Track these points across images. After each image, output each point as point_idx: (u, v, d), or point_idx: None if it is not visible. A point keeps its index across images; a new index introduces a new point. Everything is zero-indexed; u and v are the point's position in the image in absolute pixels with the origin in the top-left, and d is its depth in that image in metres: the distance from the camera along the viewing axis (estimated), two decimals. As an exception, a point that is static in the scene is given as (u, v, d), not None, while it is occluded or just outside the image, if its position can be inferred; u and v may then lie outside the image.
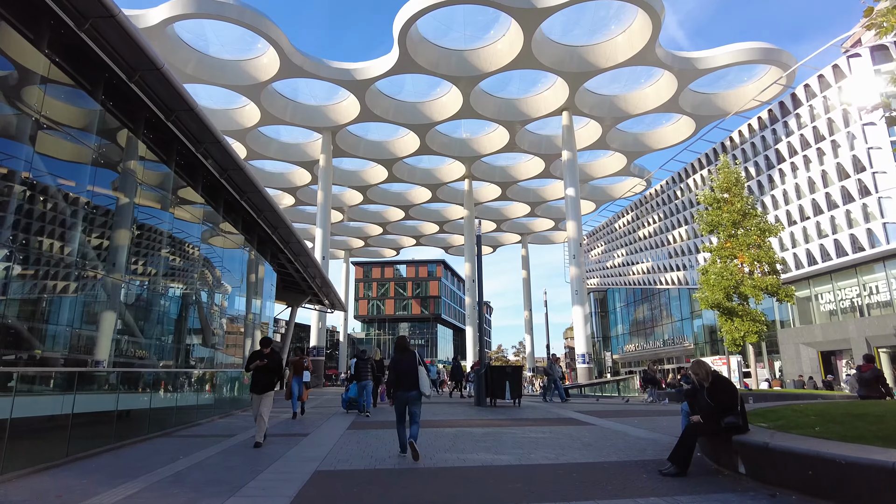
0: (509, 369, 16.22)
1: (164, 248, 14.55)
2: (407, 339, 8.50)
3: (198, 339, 16.36)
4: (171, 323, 13.31)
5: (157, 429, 10.40)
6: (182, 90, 12.16)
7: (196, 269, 17.90)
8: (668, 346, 55.68)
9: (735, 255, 23.15)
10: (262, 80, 37.73)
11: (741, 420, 6.32)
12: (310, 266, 30.19)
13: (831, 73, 31.79)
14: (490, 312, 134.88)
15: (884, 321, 29.69)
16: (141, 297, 12.28)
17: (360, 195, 56.20)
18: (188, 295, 15.49)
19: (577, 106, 41.14)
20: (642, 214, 57.12)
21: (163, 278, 13.78)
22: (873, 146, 29.45)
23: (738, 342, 22.19)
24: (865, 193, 29.90)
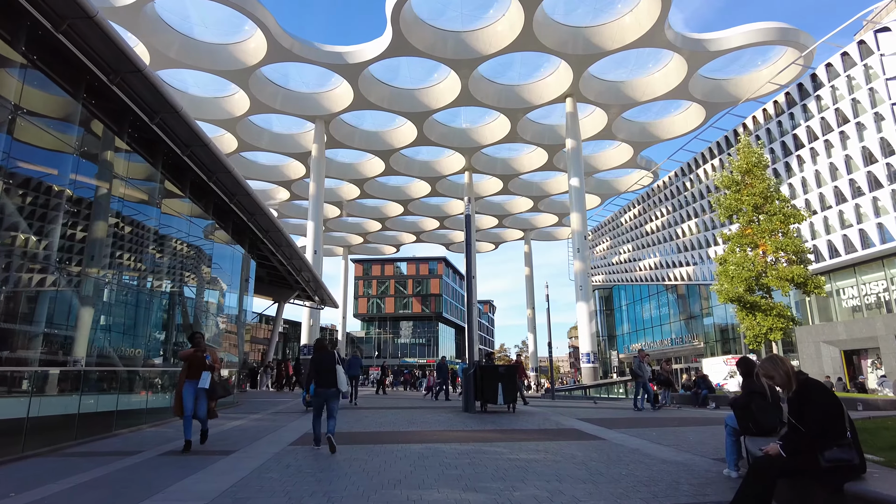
0: (502, 369, 13.78)
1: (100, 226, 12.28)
2: (325, 340, 8.96)
3: (130, 333, 13.98)
4: (79, 309, 10.82)
5: (45, 444, 8.05)
6: (126, 49, 10.39)
7: (144, 254, 15.55)
8: (676, 344, 52.99)
9: (756, 243, 20.61)
10: (249, 65, 35.41)
11: (856, 455, 3.86)
12: (294, 258, 27.83)
13: (856, 50, 29.18)
14: (493, 311, 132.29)
15: (915, 318, 27.08)
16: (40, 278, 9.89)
17: (357, 189, 53.83)
18: (117, 280, 13.09)
19: (582, 92, 38.61)
20: (649, 208, 54.53)
21: (91, 261, 11.42)
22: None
23: (760, 339, 19.63)
24: (895, 179, 27.30)
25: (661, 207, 51.75)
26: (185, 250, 18.94)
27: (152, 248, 16.49)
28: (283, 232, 24.51)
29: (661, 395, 20.24)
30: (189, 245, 19.42)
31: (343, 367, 8.72)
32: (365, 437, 9.46)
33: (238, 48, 35.46)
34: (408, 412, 13.94)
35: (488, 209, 60.32)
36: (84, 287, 10.96)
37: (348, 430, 10.10)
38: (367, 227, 65.45)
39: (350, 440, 8.80)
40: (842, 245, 30.02)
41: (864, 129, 28.65)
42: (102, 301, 11.92)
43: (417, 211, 59.59)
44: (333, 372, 8.11)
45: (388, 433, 9.80)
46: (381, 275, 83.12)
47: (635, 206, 58.18)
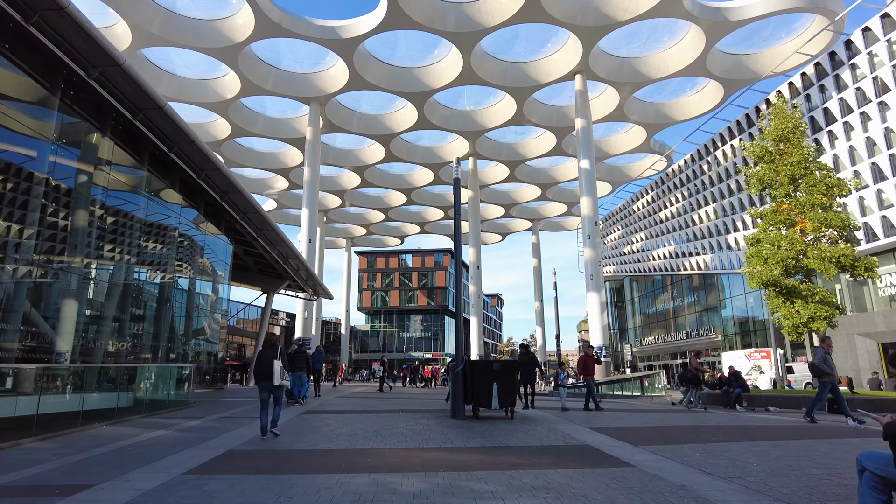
0: (498, 365, 11.00)
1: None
2: (275, 336, 9.60)
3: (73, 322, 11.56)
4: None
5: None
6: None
7: (90, 231, 13.13)
8: (691, 338, 49.94)
9: (794, 219, 17.74)
10: (237, 41, 32.90)
11: None
12: (279, 244, 25.30)
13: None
14: (501, 305, 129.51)
15: (966, 306, 24.06)
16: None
17: (357, 177, 51.24)
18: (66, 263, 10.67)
19: (592, 68, 35.71)
20: (663, 194, 51.46)
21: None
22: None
23: (801, 330, 16.80)
24: (942, 153, 24.30)
25: (676, 193, 48.72)
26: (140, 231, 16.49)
27: (96, 226, 14.04)
28: (262, 213, 21.98)
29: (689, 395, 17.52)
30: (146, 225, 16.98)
31: (285, 361, 9.36)
32: (302, 458, 6.90)
33: (225, 24, 32.97)
34: (383, 418, 11.34)
35: (494, 198, 57.49)
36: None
37: (287, 448, 7.52)
38: (370, 218, 62.88)
39: (279, 466, 6.24)
40: (880, 227, 26.98)
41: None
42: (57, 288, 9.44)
43: (421, 200, 56.90)
44: (271, 367, 8.71)
45: (338, 452, 7.22)
46: (386, 267, 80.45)
47: (648, 193, 55.11)
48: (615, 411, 14.22)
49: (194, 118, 42.58)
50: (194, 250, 20.34)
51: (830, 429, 10.32)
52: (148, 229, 17.24)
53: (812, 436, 9.21)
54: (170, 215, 18.70)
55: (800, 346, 34.50)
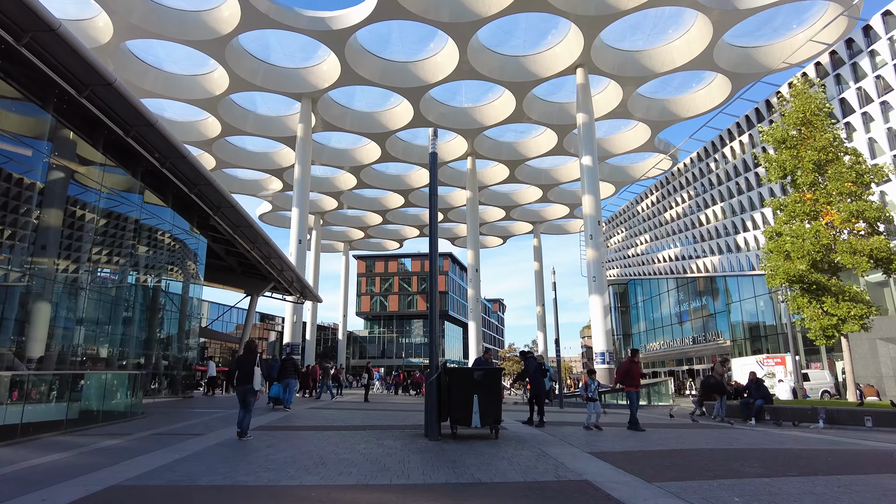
0: (479, 375, 8.97)
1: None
2: (255, 343, 10.63)
3: None
4: None
5: None
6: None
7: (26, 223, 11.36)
8: (698, 343, 47.77)
9: (819, 210, 15.80)
10: (224, 34, 31.29)
11: None
12: (259, 242, 23.48)
13: (920, -7, 24.20)
14: (503, 310, 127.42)
15: None
16: None
17: (353, 178, 49.45)
18: None
19: (594, 62, 33.90)
20: (668, 194, 49.45)
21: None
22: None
23: (830, 333, 14.80)
24: (972, 142, 22.31)
25: (682, 193, 46.74)
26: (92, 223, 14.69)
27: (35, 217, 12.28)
28: (237, 208, 20.15)
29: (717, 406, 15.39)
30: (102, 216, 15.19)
31: (263, 368, 9.92)
32: (200, 499, 5.03)
33: (210, 15, 31.38)
34: (344, 437, 9.44)
35: (494, 199, 55.58)
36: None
37: (191, 483, 5.64)
38: (368, 221, 61.04)
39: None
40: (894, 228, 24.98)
41: (932, 86, 23.66)
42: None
43: (419, 202, 55.05)
44: (252, 372, 9.07)
45: (253, 490, 5.34)
46: (385, 271, 78.38)
47: (652, 194, 53.11)
48: (621, 426, 12.27)
49: (183, 116, 41.04)
50: (158, 246, 18.54)
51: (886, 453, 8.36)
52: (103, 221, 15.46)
53: (887, 469, 7.27)
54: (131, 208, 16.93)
55: (814, 352, 32.40)
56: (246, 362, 9.25)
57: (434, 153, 11.02)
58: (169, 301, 19.37)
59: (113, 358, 15.73)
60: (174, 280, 20.12)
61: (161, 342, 19.09)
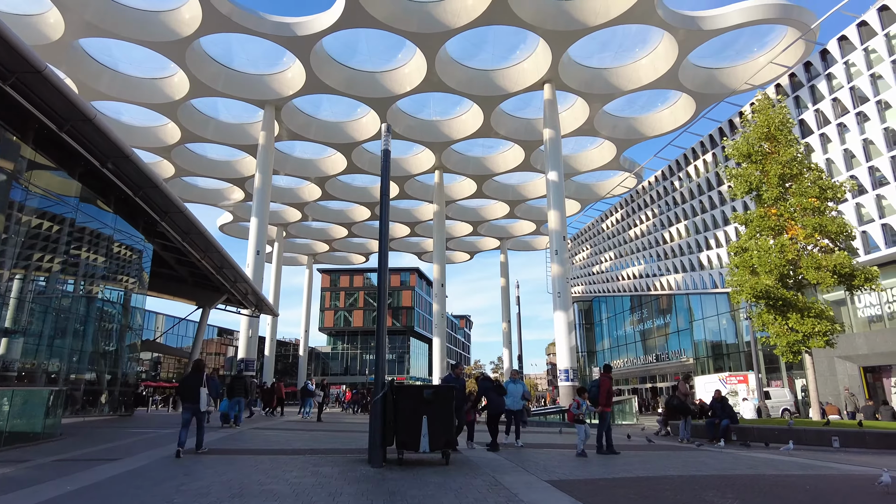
0: (429, 393, 8.12)
1: None
2: (202, 362, 10.01)
3: None
4: None
5: None
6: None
7: None
8: (662, 361, 47.79)
9: (784, 226, 15.57)
10: (184, 35, 30.06)
11: None
12: (211, 251, 22.17)
13: (876, 18, 24.73)
14: (470, 327, 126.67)
15: (955, 328, 22.22)
16: None
17: (318, 189, 48.27)
18: None
19: (562, 78, 33.81)
20: (633, 212, 49.74)
21: None
22: (937, 103, 22.30)
23: (796, 349, 14.45)
24: (926, 164, 22.70)
25: (646, 211, 47.04)
26: (25, 225, 13.40)
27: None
28: (186, 214, 18.92)
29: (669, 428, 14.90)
30: (38, 217, 13.91)
31: (211, 388, 10.03)
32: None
33: (170, 16, 30.15)
34: (277, 462, 8.43)
35: (462, 214, 55.05)
36: None
37: None
38: (333, 234, 59.70)
39: None
40: (860, 243, 25.21)
41: (888, 109, 24.09)
42: None
43: (385, 215, 54.11)
44: (198, 391, 9.16)
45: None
46: (350, 286, 76.76)
47: (617, 211, 53.42)
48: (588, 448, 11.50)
49: (141, 121, 39.39)
50: (96, 252, 17.19)
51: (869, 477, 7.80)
52: (33, 223, 14.16)
53: (872, 500, 6.66)
54: (66, 210, 15.62)
55: (775, 370, 32.51)
56: (192, 381, 9.32)
57: (387, 150, 10.25)
58: (107, 311, 17.96)
59: (37, 373, 14.30)
60: (114, 289, 18.71)
61: (97, 355, 17.61)
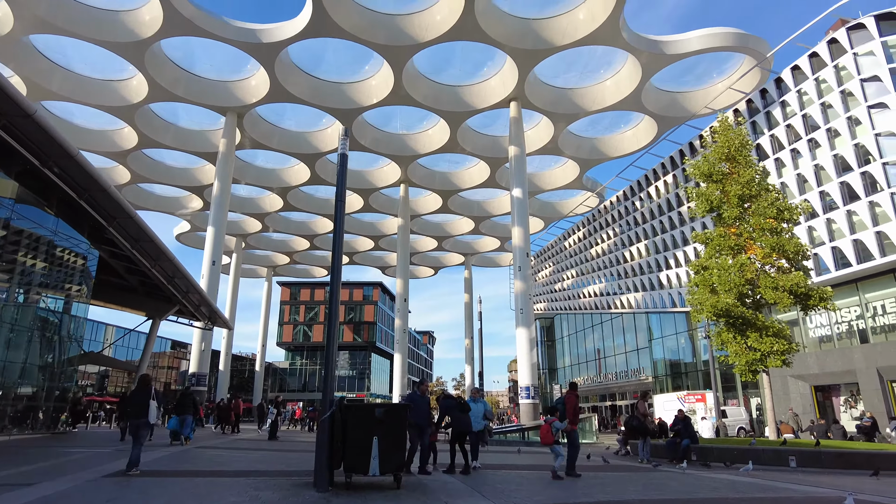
0: (381, 412, 7.64)
1: None
2: (149, 377, 10.18)
3: None
4: None
5: None
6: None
7: None
8: (621, 378, 48.15)
9: (743, 245, 15.73)
10: (143, 37, 29.04)
11: None
12: (162, 260, 21.14)
13: (826, 51, 25.73)
14: (433, 343, 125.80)
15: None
16: None
17: (280, 200, 47.21)
18: None
19: (528, 96, 34.02)
20: (595, 231, 50.36)
21: None
22: (883, 132, 23.19)
23: (754, 367, 14.50)
24: (873, 190, 23.51)
25: (608, 230, 47.66)
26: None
27: None
28: (136, 219, 17.95)
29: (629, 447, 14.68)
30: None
31: (158, 401, 9.77)
32: None
33: (130, 16, 29.13)
34: (219, 484, 7.77)
35: (426, 229, 54.72)
36: None
37: None
38: (294, 246, 58.45)
39: None
40: (811, 265, 25.89)
41: (837, 136, 24.96)
42: None
43: (349, 228, 53.35)
44: (146, 405, 9.16)
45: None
46: (311, 299, 75.07)
47: (580, 230, 54.01)
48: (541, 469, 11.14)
49: (95, 123, 37.84)
50: (32, 257, 16.10)
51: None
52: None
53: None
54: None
55: (731, 389, 33.01)
56: (139, 396, 9.35)
57: (344, 154, 9.79)
58: (45, 321, 16.80)
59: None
60: (53, 297, 17.56)
61: (32, 368, 16.39)
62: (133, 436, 9.05)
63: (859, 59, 24.22)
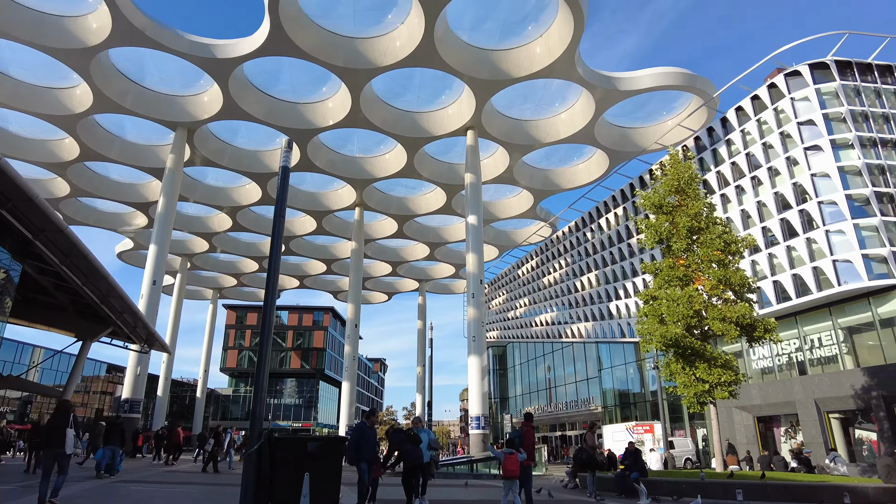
0: (314, 446, 7.03)
1: None
2: (68, 402, 9.62)
3: None
4: None
5: None
6: None
7: None
8: (572, 408, 48.18)
9: (691, 276, 15.93)
10: (90, 45, 27.85)
11: None
12: (96, 277, 19.84)
13: (767, 94, 27.04)
14: (384, 371, 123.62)
15: (837, 380, 23.65)
16: None
17: (229, 219, 45.75)
18: None
19: (484, 125, 34.32)
20: (547, 260, 50.91)
21: None
22: (818, 173, 24.36)
23: (703, 399, 14.52)
24: (810, 227, 24.54)
25: (560, 260, 48.23)
26: None
27: None
28: (67, 233, 16.73)
29: (578, 480, 14.34)
30: None
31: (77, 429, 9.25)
32: None
33: (76, 22, 27.93)
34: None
35: (381, 254, 54.05)
36: None
37: None
38: (242, 267, 56.59)
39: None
40: (755, 298, 26.65)
41: (777, 175, 26.08)
42: None
43: (300, 250, 52.14)
44: (63, 433, 8.67)
45: None
46: (258, 324, 72.68)
47: (532, 259, 54.51)
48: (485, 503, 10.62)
49: (34, 132, 35.89)
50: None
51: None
52: None
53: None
54: None
55: (678, 420, 33.39)
56: (57, 422, 8.88)
57: (286, 167, 9.32)
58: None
59: None
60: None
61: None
62: (43, 468, 8.49)
63: (796, 104, 25.57)
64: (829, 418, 24.25)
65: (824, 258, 23.58)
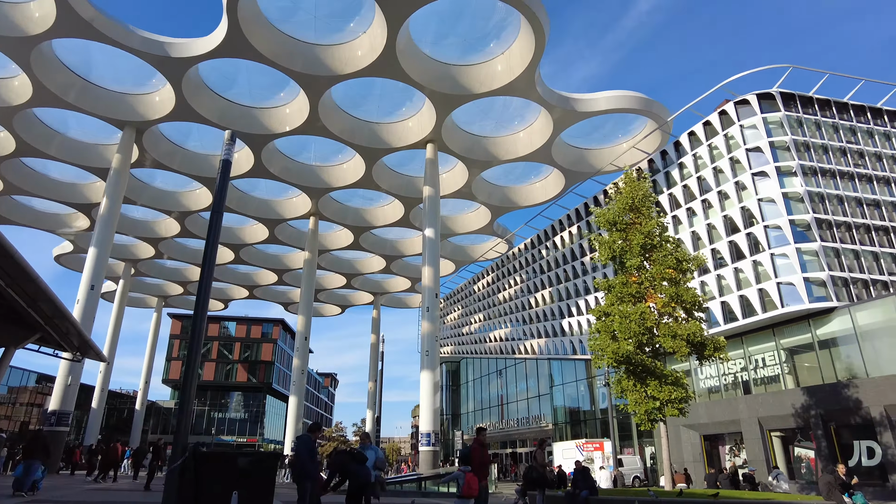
0: (245, 462, 6.48)
1: None
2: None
3: None
4: None
5: None
6: None
7: None
8: (523, 425, 48.01)
9: (644, 293, 15.99)
10: (31, 34, 26.34)
11: None
12: (22, 279, 18.38)
13: (717, 120, 27.93)
14: (335, 386, 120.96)
15: (779, 399, 24.22)
16: None
17: (177, 225, 43.92)
18: None
19: (444, 139, 34.21)
20: (503, 276, 50.99)
21: None
22: (764, 198, 25.18)
23: (654, 416, 14.46)
24: (756, 250, 25.26)
25: (515, 276, 48.38)
26: None
27: None
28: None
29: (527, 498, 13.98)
30: None
31: None
32: None
33: (16, 9, 26.36)
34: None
35: (336, 265, 52.95)
36: None
37: None
38: (189, 275, 54.37)
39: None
40: (704, 317, 27.22)
41: (726, 199, 26.85)
42: None
43: (251, 259, 50.53)
44: None
45: None
46: (204, 334, 69.71)
47: (488, 275, 54.54)
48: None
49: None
50: None
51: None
52: None
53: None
54: None
55: (627, 437, 33.61)
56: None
57: (227, 160, 8.73)
58: None
59: None
60: None
61: None
62: None
63: (745, 131, 26.50)
64: (771, 437, 24.83)
65: (769, 280, 24.31)
